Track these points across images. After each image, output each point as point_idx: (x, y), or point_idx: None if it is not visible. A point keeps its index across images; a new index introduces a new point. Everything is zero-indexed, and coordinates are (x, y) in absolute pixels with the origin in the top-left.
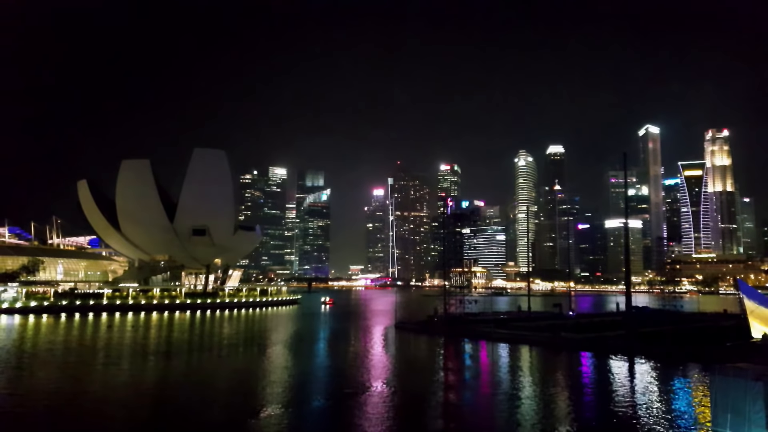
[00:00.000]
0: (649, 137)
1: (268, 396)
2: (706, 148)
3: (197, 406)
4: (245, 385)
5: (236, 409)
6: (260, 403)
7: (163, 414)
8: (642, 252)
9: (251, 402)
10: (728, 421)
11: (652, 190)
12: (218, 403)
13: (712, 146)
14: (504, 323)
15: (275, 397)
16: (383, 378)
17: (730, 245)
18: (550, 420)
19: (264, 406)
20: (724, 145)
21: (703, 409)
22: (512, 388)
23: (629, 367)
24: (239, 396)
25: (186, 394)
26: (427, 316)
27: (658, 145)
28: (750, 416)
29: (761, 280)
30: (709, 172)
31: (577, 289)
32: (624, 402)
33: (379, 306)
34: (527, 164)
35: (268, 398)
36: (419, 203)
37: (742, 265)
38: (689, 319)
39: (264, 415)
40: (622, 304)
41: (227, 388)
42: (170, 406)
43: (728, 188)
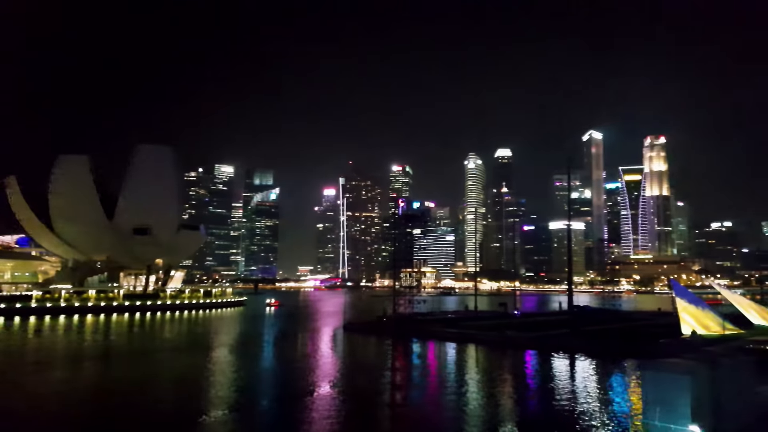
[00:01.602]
0: (593, 142)
1: (211, 400)
2: (645, 154)
3: (136, 413)
4: (187, 390)
5: (178, 415)
6: (203, 408)
7: (97, 424)
8: (584, 253)
9: (193, 407)
10: (658, 413)
11: (594, 193)
12: (159, 409)
13: (651, 152)
14: (452, 323)
15: (219, 401)
16: (330, 380)
17: (666, 247)
18: (495, 417)
19: (207, 411)
20: (661, 151)
21: (636, 402)
22: (459, 387)
23: (571, 364)
24: (181, 401)
25: (123, 401)
26: (377, 316)
27: (601, 150)
28: (678, 408)
29: (692, 280)
30: (647, 177)
31: (522, 288)
32: (565, 397)
33: (328, 307)
34: (476, 167)
35: (211, 403)
36: (371, 203)
37: (676, 266)
38: (627, 318)
39: (207, 421)
40: (564, 304)
41: (168, 393)
42: (105, 415)
43: (664, 192)
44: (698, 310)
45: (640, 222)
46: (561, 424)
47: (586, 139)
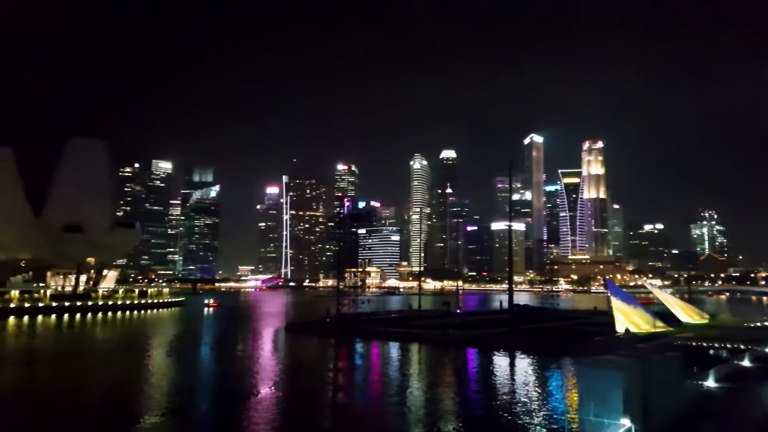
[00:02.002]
0: (534, 146)
1: (146, 404)
2: (584, 157)
3: (65, 421)
4: (121, 395)
5: (111, 421)
6: (138, 413)
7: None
8: (524, 253)
9: (128, 412)
10: (592, 408)
11: (535, 195)
12: (90, 416)
13: (589, 156)
14: (396, 322)
15: (155, 405)
16: (271, 381)
17: (602, 248)
18: (437, 415)
19: (142, 415)
20: (598, 155)
21: (572, 398)
22: (402, 386)
23: (510, 361)
24: (114, 407)
25: (50, 409)
26: (320, 317)
27: (542, 153)
28: (611, 403)
29: (626, 279)
30: (585, 180)
31: (465, 288)
32: (504, 394)
33: (269, 308)
34: (422, 168)
35: (146, 407)
36: (315, 202)
37: (611, 266)
38: (564, 316)
39: (143, 426)
40: (505, 303)
41: (101, 398)
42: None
43: (601, 195)
44: (631, 309)
45: (578, 223)
46: (501, 421)
47: (528, 143)
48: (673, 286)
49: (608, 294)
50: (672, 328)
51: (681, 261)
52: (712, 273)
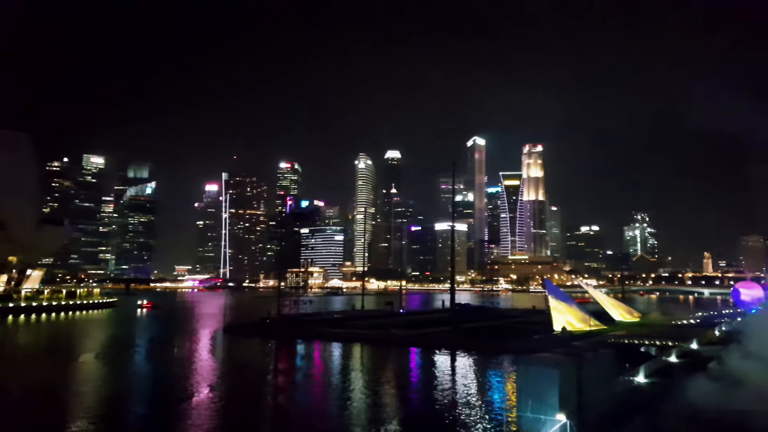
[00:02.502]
0: (476, 148)
1: (74, 411)
2: (524, 160)
3: None
4: (47, 401)
5: (36, 428)
6: (65, 420)
7: None
8: (466, 253)
9: (54, 419)
10: (530, 405)
11: (476, 196)
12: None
13: (529, 159)
14: (338, 323)
15: (83, 411)
16: (208, 384)
17: (540, 248)
18: (378, 415)
19: (70, 422)
20: (538, 159)
21: (511, 395)
22: (343, 386)
23: (451, 360)
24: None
25: None
26: (260, 318)
27: (484, 155)
28: (547, 400)
29: (563, 279)
30: (525, 183)
31: (408, 287)
32: (445, 392)
33: (207, 309)
34: (367, 167)
35: (74, 413)
36: (256, 201)
37: (549, 266)
38: (504, 315)
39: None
40: (447, 302)
41: (25, 405)
42: None
43: (540, 197)
44: (568, 308)
45: (517, 225)
46: (442, 419)
47: (471, 145)
48: (607, 286)
49: (546, 293)
50: (606, 326)
51: (615, 262)
52: (643, 273)
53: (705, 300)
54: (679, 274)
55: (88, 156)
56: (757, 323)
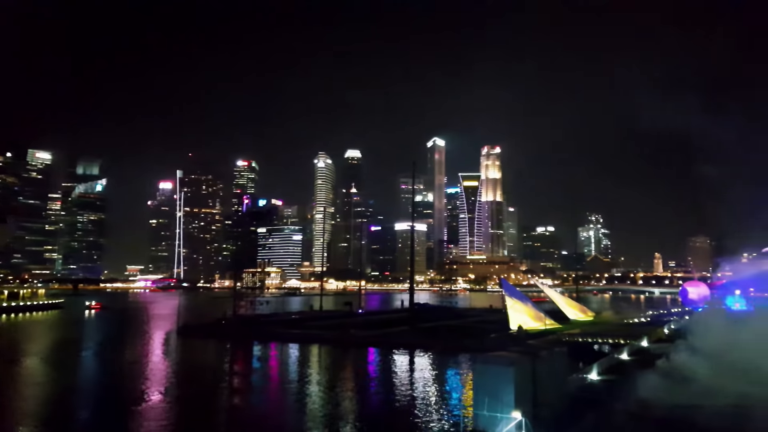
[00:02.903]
0: (436, 149)
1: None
2: (482, 162)
3: None
4: None
5: None
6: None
7: None
8: (426, 253)
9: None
10: (486, 403)
11: (436, 197)
12: None
13: (487, 161)
14: (296, 323)
15: (28, 417)
16: (160, 387)
17: (498, 248)
18: (336, 416)
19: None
20: (496, 160)
21: (469, 394)
22: (299, 388)
23: (410, 360)
24: None
25: None
26: (215, 319)
27: (443, 156)
28: (503, 398)
29: (520, 279)
30: (484, 184)
31: (367, 287)
32: (403, 392)
33: (160, 310)
34: (326, 166)
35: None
36: (212, 199)
37: (506, 266)
38: (462, 315)
39: None
40: (406, 302)
41: None
42: None
43: (498, 198)
44: (524, 307)
45: (476, 225)
46: (400, 418)
47: (431, 146)
48: (562, 285)
49: (503, 293)
50: (561, 324)
51: (570, 262)
52: (597, 273)
53: (655, 299)
54: (631, 274)
55: (34, 151)
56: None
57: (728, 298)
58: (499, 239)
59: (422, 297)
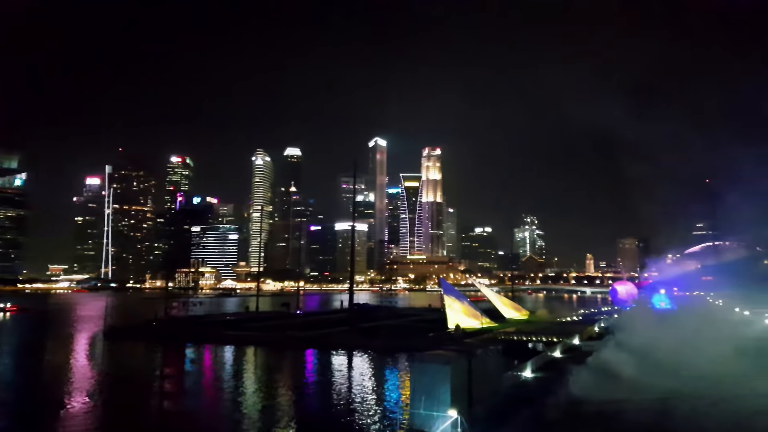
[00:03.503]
0: (378, 149)
1: None
2: (423, 163)
3: None
4: None
5: None
6: None
7: None
8: (366, 253)
9: None
10: (423, 402)
11: (377, 197)
12: None
13: (428, 162)
14: (231, 325)
15: None
16: (84, 393)
17: (437, 248)
18: (272, 419)
19: None
20: (437, 161)
21: (406, 393)
22: (234, 391)
23: (349, 360)
24: None
25: None
26: (146, 320)
27: (385, 156)
28: (439, 396)
29: (458, 278)
30: (424, 185)
31: (306, 288)
32: (341, 393)
33: (86, 311)
34: (265, 164)
35: None
36: (143, 196)
37: (445, 266)
38: (401, 314)
39: None
40: (346, 302)
41: None
42: None
43: (438, 199)
44: (462, 306)
45: (416, 225)
46: (338, 420)
47: (372, 145)
48: (499, 285)
49: (442, 292)
50: (497, 323)
51: (506, 262)
52: (532, 273)
53: (587, 298)
54: (564, 274)
55: None
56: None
57: (654, 297)
58: (439, 239)
59: (362, 297)
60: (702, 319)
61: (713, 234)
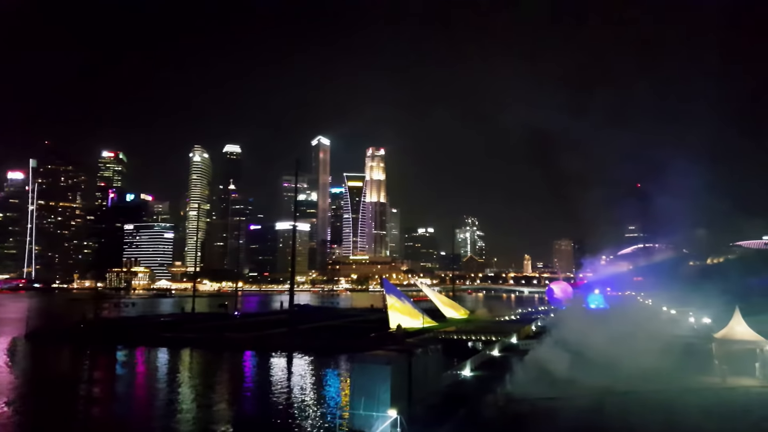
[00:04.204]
0: (321, 148)
1: None
2: (367, 163)
3: None
4: None
5: None
6: None
7: None
8: (308, 253)
9: None
10: (362, 402)
11: (320, 196)
12: None
13: (372, 162)
14: (166, 326)
15: None
16: (3, 400)
17: (380, 249)
18: (206, 423)
19: None
20: (380, 162)
21: (346, 394)
22: (168, 395)
23: (288, 362)
24: None
25: None
26: (73, 323)
27: (328, 155)
28: (379, 396)
29: (401, 279)
30: (368, 185)
31: (245, 289)
32: (279, 395)
33: (6, 313)
34: (202, 161)
35: None
36: (72, 192)
37: (388, 266)
38: (343, 315)
39: None
40: (286, 303)
41: None
42: None
43: (381, 199)
44: (404, 306)
45: (360, 225)
46: (275, 423)
47: (315, 144)
48: (440, 285)
49: (384, 292)
50: (438, 323)
51: (447, 262)
52: (472, 273)
53: (525, 298)
54: (503, 274)
55: None
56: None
57: (589, 296)
58: (382, 240)
59: (303, 298)
60: (633, 318)
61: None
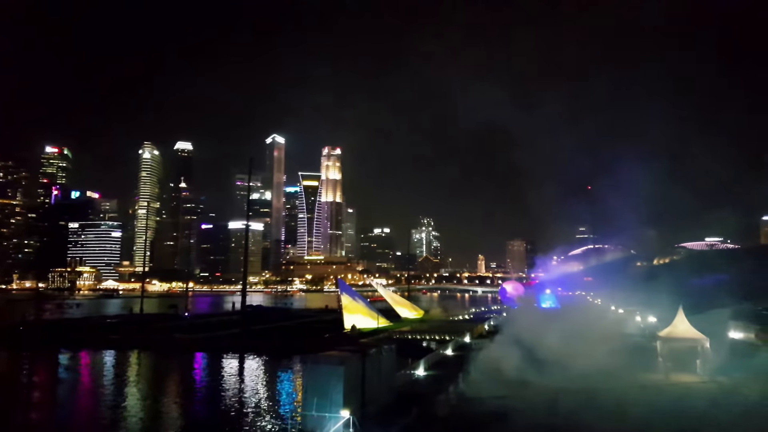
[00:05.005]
0: (275, 146)
1: None
2: (323, 162)
3: None
4: None
5: None
6: None
7: None
8: (261, 253)
9: None
10: (315, 403)
11: (274, 195)
12: None
13: (327, 161)
14: (112, 328)
15: None
16: None
17: (336, 249)
18: (154, 429)
19: None
20: (336, 161)
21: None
22: (114, 399)
23: (240, 363)
24: None
25: None
26: (11, 324)
27: (283, 154)
28: (332, 397)
29: (357, 279)
30: (324, 184)
31: (195, 289)
32: (229, 398)
33: None
34: (153, 158)
35: None
36: (11, 188)
37: (343, 267)
38: (297, 316)
39: None
40: (238, 304)
41: None
42: None
43: (337, 199)
44: (359, 306)
45: (315, 225)
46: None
47: (270, 142)
48: (396, 285)
49: (339, 293)
50: (393, 323)
51: (403, 262)
52: (427, 273)
53: (478, 297)
54: (458, 274)
55: None
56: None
57: (541, 296)
58: (338, 240)
59: (256, 299)
60: (583, 318)
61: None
